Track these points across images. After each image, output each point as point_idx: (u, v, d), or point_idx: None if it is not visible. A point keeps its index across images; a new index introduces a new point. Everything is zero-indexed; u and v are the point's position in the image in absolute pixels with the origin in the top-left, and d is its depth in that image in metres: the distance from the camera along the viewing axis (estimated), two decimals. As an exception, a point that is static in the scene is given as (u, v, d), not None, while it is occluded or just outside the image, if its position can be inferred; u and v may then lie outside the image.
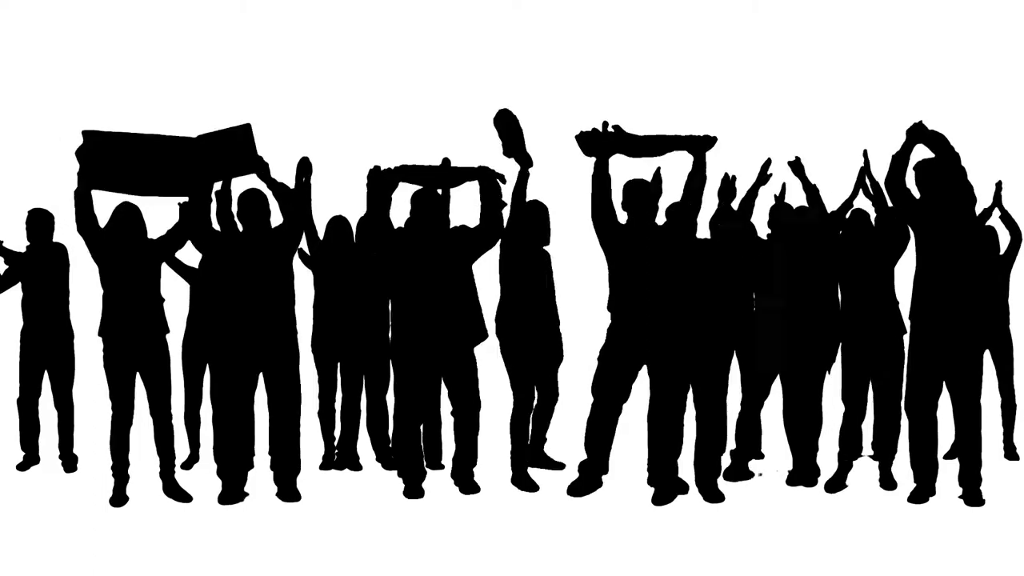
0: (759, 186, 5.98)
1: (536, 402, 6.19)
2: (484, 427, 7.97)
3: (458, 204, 6.78)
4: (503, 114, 5.78)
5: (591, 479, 5.68)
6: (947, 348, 5.30)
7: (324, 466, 6.41)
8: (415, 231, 5.65)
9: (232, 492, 5.53)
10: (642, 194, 5.58)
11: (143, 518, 5.20)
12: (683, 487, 5.61)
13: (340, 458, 6.41)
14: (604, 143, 5.60)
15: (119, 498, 5.47)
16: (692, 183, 5.58)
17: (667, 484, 5.47)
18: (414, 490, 5.64)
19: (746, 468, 6.02)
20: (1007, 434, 6.57)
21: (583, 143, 5.63)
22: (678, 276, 5.52)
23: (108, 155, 5.45)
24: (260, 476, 6.15)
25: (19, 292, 6.87)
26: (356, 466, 6.40)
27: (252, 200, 5.56)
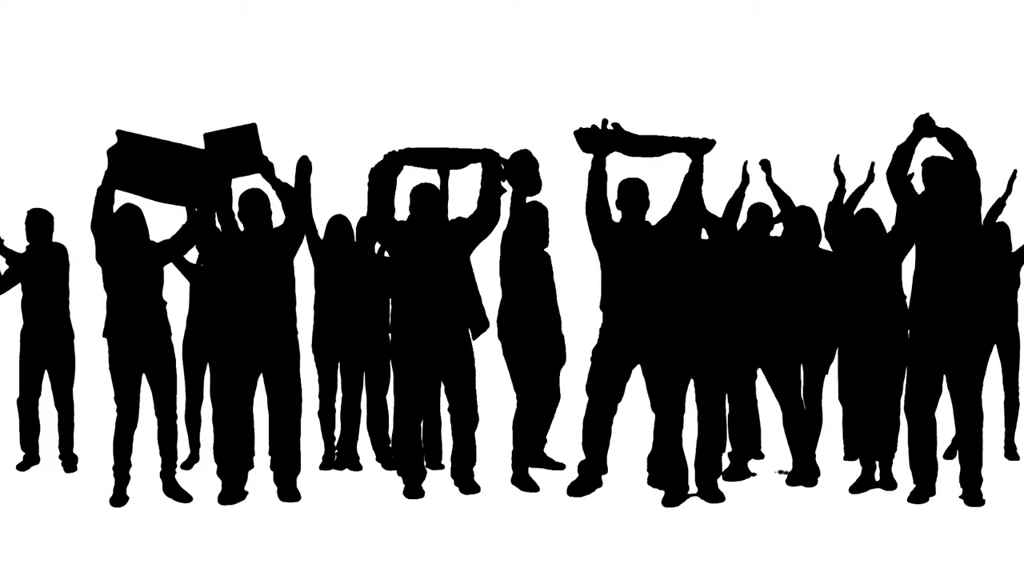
0: (744, 188, 5.98)
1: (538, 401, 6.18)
2: (484, 427, 7.97)
3: (458, 202, 6.77)
4: (521, 155, 5.81)
5: (591, 479, 5.68)
6: (947, 348, 5.29)
7: (324, 466, 6.41)
8: (414, 224, 5.65)
9: (232, 492, 5.53)
10: (638, 193, 5.58)
11: (143, 518, 5.20)
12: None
13: (340, 458, 6.41)
14: (602, 141, 5.61)
15: (119, 498, 5.47)
16: (689, 185, 5.59)
17: (677, 484, 5.46)
18: (414, 490, 5.64)
19: (746, 468, 6.02)
20: (1008, 433, 6.56)
21: (581, 139, 5.64)
22: (670, 276, 5.52)
23: (138, 158, 5.47)
24: (260, 476, 6.15)
25: (19, 292, 6.87)
26: (356, 466, 6.40)
27: (253, 200, 5.56)
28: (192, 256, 6.87)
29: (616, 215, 5.72)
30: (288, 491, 5.59)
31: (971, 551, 4.50)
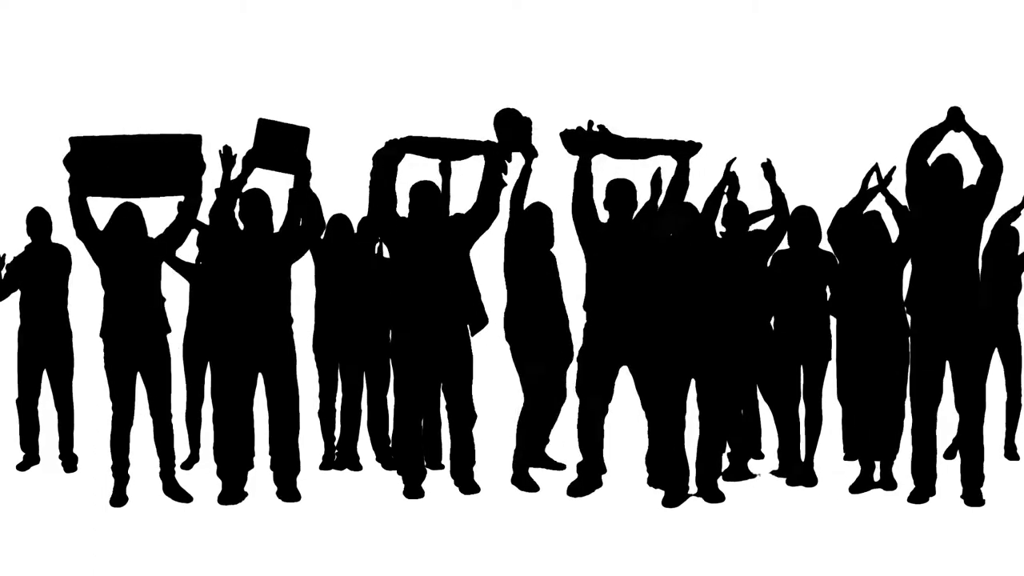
0: (723, 186, 5.97)
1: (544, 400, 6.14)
2: (485, 427, 7.97)
3: (459, 198, 6.76)
4: (505, 113, 5.77)
5: (590, 479, 5.68)
6: (948, 347, 5.29)
7: (324, 466, 6.41)
8: (414, 222, 5.64)
9: (232, 492, 5.53)
10: (625, 194, 5.56)
11: (143, 518, 5.20)
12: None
13: (340, 458, 6.41)
14: (588, 142, 5.61)
15: (119, 498, 5.47)
16: (675, 188, 5.59)
17: (677, 485, 5.45)
18: (414, 490, 5.64)
19: (746, 468, 6.02)
20: (1009, 434, 6.56)
21: (567, 141, 5.64)
22: (655, 276, 5.51)
23: (98, 160, 5.40)
24: (260, 476, 6.15)
25: (18, 291, 6.85)
26: (356, 466, 6.40)
27: (255, 200, 5.55)
28: (191, 257, 6.87)
29: (604, 215, 5.71)
30: (288, 491, 5.59)
31: (971, 551, 4.50)
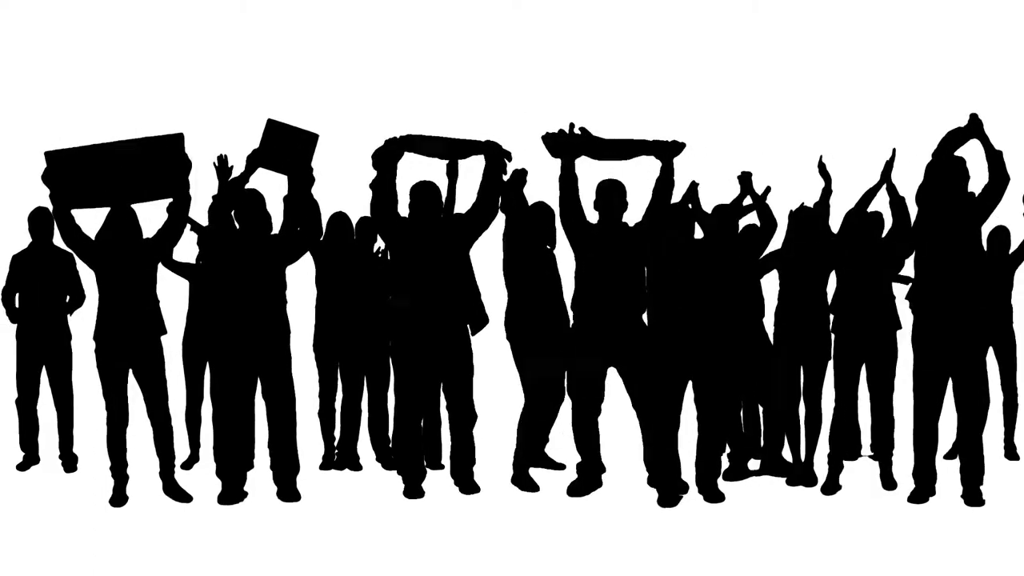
0: (743, 198, 5.98)
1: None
2: (485, 427, 7.97)
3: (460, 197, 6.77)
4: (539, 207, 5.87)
5: (590, 479, 5.68)
6: (950, 347, 5.29)
7: (324, 466, 6.41)
8: (414, 222, 5.64)
9: (232, 492, 5.53)
10: (615, 195, 5.56)
11: (143, 518, 5.20)
12: (683, 487, 5.61)
13: (340, 458, 6.41)
14: (570, 145, 5.60)
15: (119, 498, 5.47)
16: (660, 188, 5.56)
17: (669, 484, 5.46)
18: (414, 490, 5.64)
19: (745, 467, 6.02)
20: (1008, 433, 6.56)
21: (549, 144, 5.65)
22: (643, 276, 5.51)
23: (76, 172, 5.35)
24: (260, 476, 6.15)
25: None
26: (356, 466, 6.40)
27: (251, 201, 5.55)
28: (191, 256, 6.88)
29: (594, 216, 5.71)
30: (288, 491, 5.59)
31: (971, 551, 4.50)
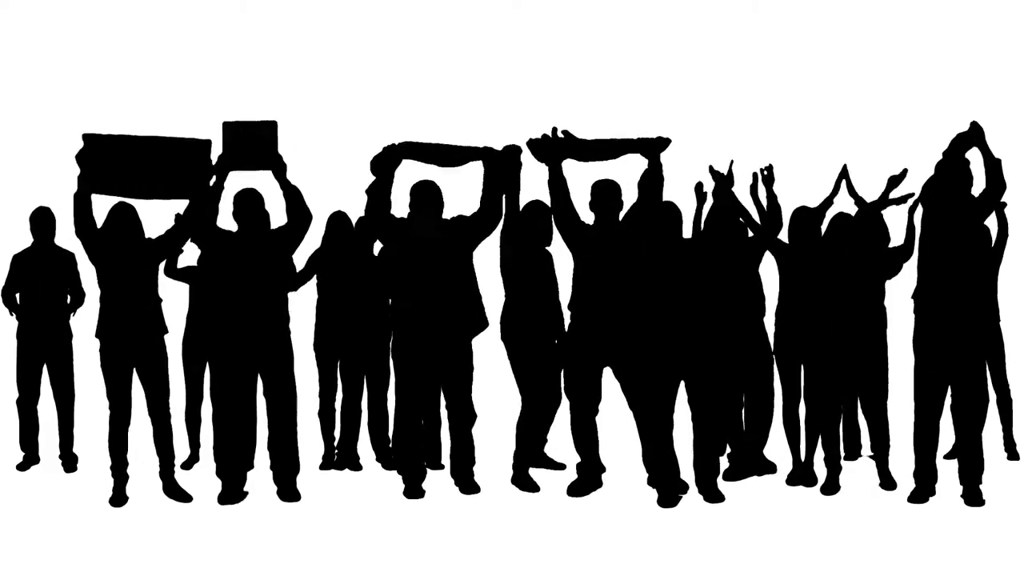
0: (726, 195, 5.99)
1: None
2: (484, 427, 7.96)
3: (459, 201, 6.76)
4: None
5: (590, 479, 5.68)
6: (951, 348, 5.29)
7: (324, 466, 6.41)
8: (414, 222, 5.64)
9: (232, 492, 5.53)
10: (610, 194, 5.55)
11: (143, 518, 5.20)
12: (683, 487, 5.61)
13: (340, 458, 6.41)
14: (555, 149, 5.60)
15: (119, 498, 5.47)
16: (647, 185, 5.53)
17: (669, 485, 5.46)
18: (414, 490, 5.64)
19: (745, 468, 6.01)
20: (1006, 430, 6.54)
21: (534, 150, 5.64)
22: (638, 277, 5.50)
23: (109, 159, 5.44)
24: (260, 476, 6.15)
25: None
26: (356, 466, 6.39)
27: (248, 200, 5.55)
28: (193, 259, 6.86)
29: (589, 217, 5.70)
30: (288, 491, 5.59)
31: (971, 551, 4.50)
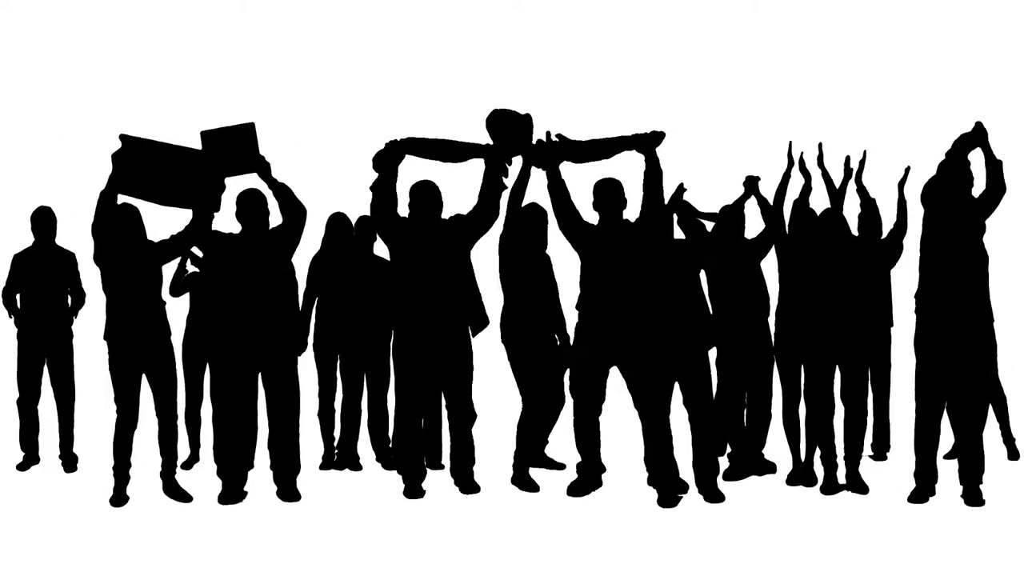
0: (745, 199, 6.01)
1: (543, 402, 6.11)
2: (485, 427, 7.97)
3: (459, 199, 6.77)
4: (499, 114, 5.74)
5: (590, 479, 5.68)
6: (953, 349, 5.30)
7: (324, 466, 6.41)
8: (414, 222, 5.64)
9: (232, 492, 5.53)
10: (614, 193, 5.55)
11: (143, 518, 5.20)
12: (683, 487, 5.61)
13: (340, 458, 6.41)
14: (550, 153, 5.60)
15: (119, 498, 5.47)
16: (649, 181, 5.51)
17: (668, 485, 5.46)
18: (414, 490, 5.64)
19: (746, 468, 6.02)
20: (1005, 432, 6.53)
21: (531, 158, 5.65)
22: (645, 275, 5.50)
23: (142, 162, 5.47)
24: (260, 476, 6.15)
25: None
26: (356, 466, 6.40)
27: (251, 201, 5.55)
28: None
29: (593, 217, 5.70)
30: (288, 491, 5.59)
31: (971, 551, 4.50)
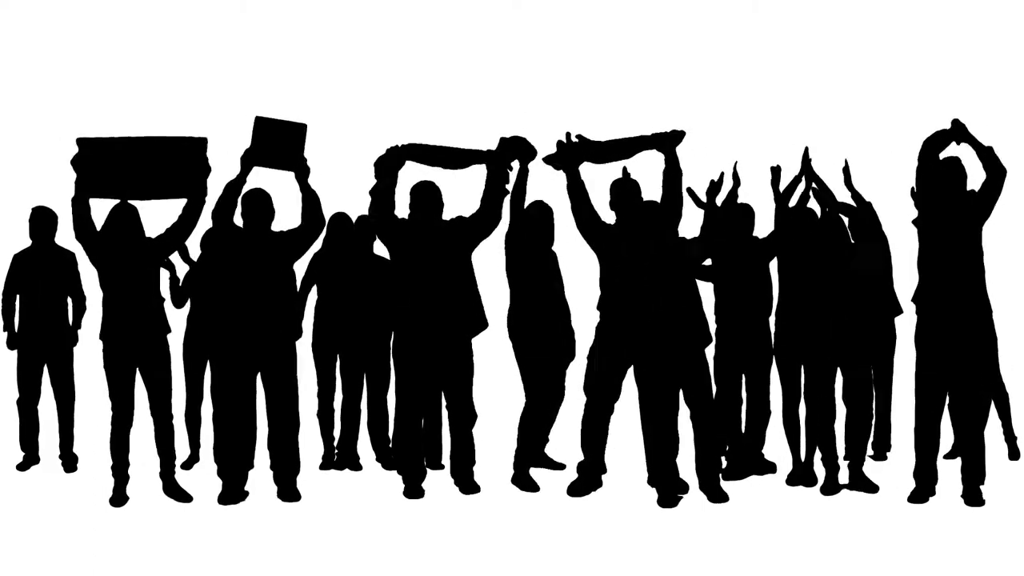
0: (736, 190, 6.01)
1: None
2: (485, 427, 7.97)
3: (460, 202, 6.77)
4: (511, 141, 5.77)
5: (590, 479, 5.68)
6: (953, 348, 5.30)
7: (324, 466, 6.41)
8: (414, 223, 5.65)
9: (232, 492, 5.53)
10: (630, 193, 5.55)
11: (143, 518, 5.20)
12: (683, 487, 5.61)
13: (340, 458, 6.41)
14: (571, 155, 5.59)
15: (119, 498, 5.47)
16: (669, 180, 5.51)
17: (669, 485, 5.46)
18: (414, 490, 5.64)
19: (745, 467, 6.02)
20: (1007, 431, 6.54)
21: (551, 161, 5.66)
22: (664, 274, 5.50)
23: (104, 161, 5.42)
24: (260, 476, 6.15)
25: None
26: (356, 466, 6.40)
27: (257, 200, 5.56)
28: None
29: (610, 217, 5.70)
30: (288, 491, 5.59)
31: (971, 551, 4.50)
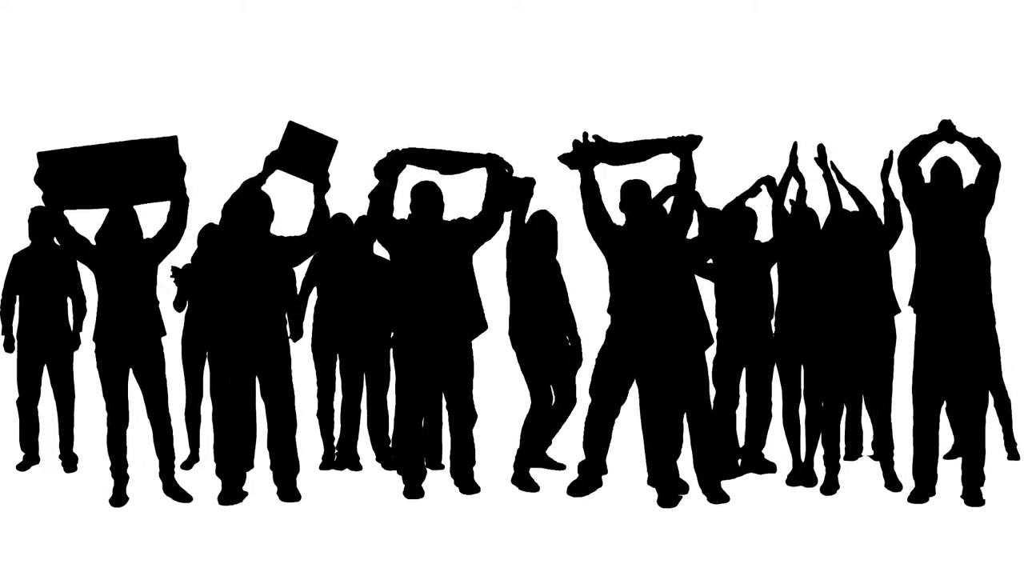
0: (748, 197, 6.02)
1: (553, 404, 6.09)
2: (485, 428, 7.97)
3: (460, 203, 6.77)
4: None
5: (591, 479, 5.68)
6: (953, 348, 5.30)
7: (324, 466, 6.41)
8: (415, 223, 5.65)
9: (232, 492, 5.53)
10: (640, 195, 5.55)
11: (143, 518, 5.20)
12: (684, 487, 5.61)
13: (340, 458, 6.41)
14: (587, 155, 5.59)
15: (119, 498, 5.47)
16: (682, 184, 5.53)
17: (669, 485, 5.46)
18: (414, 490, 5.64)
19: (736, 466, 6.01)
20: (1007, 432, 6.54)
21: (567, 160, 5.66)
22: (670, 277, 5.50)
23: (69, 173, 5.34)
24: (260, 476, 6.15)
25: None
26: (356, 466, 6.40)
27: (257, 202, 5.55)
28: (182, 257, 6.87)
29: (620, 219, 5.70)
30: (288, 491, 5.59)
31: (971, 551, 4.50)
